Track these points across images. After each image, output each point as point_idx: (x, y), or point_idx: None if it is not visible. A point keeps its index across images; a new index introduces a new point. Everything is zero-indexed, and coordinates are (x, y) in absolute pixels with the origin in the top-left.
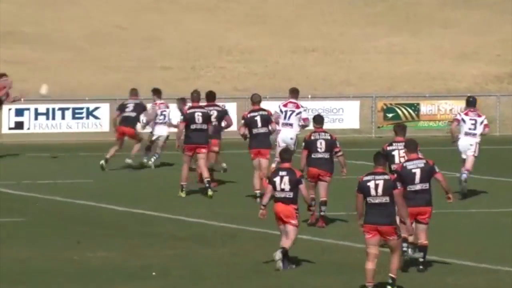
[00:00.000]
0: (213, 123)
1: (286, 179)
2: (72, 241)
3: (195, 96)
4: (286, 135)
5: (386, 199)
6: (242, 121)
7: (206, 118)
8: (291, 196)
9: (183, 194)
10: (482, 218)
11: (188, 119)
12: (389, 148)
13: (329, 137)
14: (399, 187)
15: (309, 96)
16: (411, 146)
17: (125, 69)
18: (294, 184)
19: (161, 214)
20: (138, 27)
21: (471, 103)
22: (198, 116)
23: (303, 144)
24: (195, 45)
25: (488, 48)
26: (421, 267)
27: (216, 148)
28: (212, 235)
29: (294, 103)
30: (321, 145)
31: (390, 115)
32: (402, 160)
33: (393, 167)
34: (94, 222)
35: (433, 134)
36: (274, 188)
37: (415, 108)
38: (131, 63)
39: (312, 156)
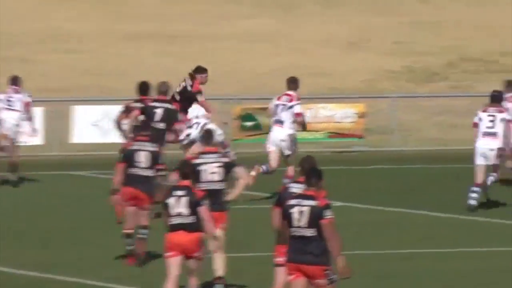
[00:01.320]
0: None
1: (184, 200)
2: None
3: None
4: (275, 136)
5: (311, 232)
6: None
7: None
8: (194, 221)
9: None
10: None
11: None
12: (196, 161)
13: (153, 149)
14: (328, 216)
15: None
16: (304, 165)
17: None
18: (195, 206)
19: None
20: None
21: (495, 98)
22: None
23: (122, 155)
24: None
25: (384, 34)
26: None
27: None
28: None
29: (289, 95)
30: (142, 158)
31: (249, 124)
32: (216, 176)
33: (201, 186)
34: None
35: (308, 150)
36: (167, 212)
37: None
38: None
39: (130, 171)
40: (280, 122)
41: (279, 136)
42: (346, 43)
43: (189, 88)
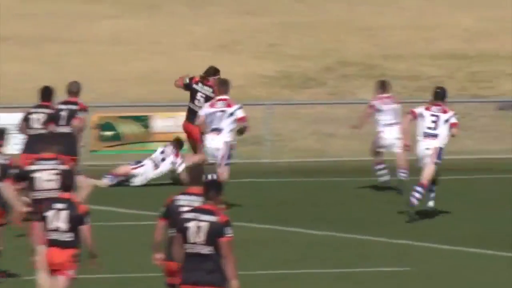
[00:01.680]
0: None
1: (64, 214)
2: None
3: None
4: (211, 146)
5: (209, 250)
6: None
7: None
8: (72, 239)
9: None
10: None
11: None
12: (30, 168)
13: (4, 161)
14: (228, 234)
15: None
16: (192, 174)
17: None
18: (75, 222)
19: None
20: None
21: (438, 95)
22: None
23: None
24: None
25: (257, 36)
26: None
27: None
28: None
29: (224, 99)
30: None
31: (109, 134)
32: (52, 184)
33: (35, 195)
34: None
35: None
36: (44, 226)
37: (144, 122)
38: None
39: None
40: (217, 130)
41: (214, 144)
42: (215, 46)
43: (212, 95)
